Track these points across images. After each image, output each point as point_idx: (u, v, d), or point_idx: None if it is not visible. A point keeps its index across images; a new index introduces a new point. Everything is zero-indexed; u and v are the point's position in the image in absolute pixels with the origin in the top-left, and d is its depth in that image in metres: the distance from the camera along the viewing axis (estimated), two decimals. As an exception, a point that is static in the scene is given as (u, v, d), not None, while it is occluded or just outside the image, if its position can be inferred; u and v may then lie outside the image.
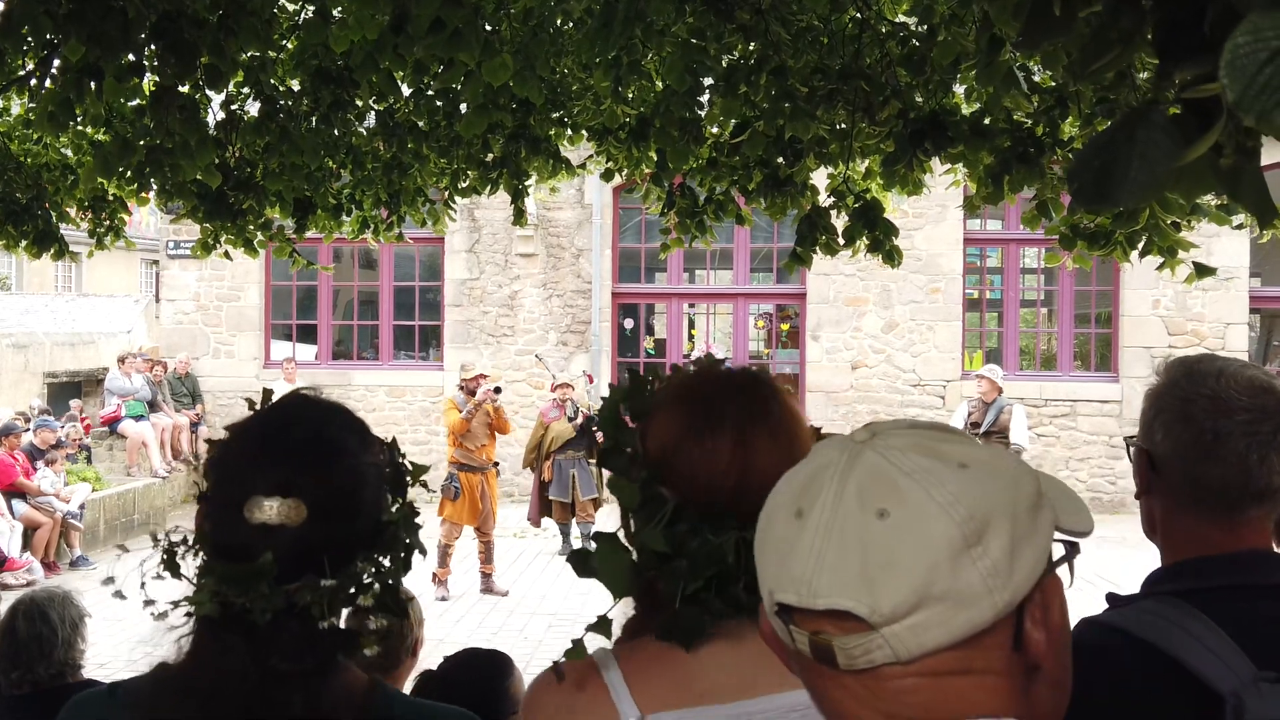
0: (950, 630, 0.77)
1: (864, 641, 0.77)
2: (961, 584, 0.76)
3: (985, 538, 0.77)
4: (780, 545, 0.82)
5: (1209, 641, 1.35)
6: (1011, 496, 0.80)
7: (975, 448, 0.83)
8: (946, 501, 0.77)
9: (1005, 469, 0.82)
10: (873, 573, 0.76)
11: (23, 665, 3.37)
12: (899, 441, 0.82)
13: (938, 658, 0.78)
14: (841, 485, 0.80)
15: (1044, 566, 0.81)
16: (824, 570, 0.78)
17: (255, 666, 1.17)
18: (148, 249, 23.97)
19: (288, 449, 1.25)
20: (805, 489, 0.82)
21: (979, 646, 0.78)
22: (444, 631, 8.09)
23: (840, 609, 0.77)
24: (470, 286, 14.96)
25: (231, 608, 1.17)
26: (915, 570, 0.76)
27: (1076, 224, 4.36)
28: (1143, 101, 2.24)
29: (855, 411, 14.28)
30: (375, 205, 5.89)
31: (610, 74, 4.21)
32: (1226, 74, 0.77)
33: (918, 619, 0.76)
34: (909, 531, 0.76)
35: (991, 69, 3.14)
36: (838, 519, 0.79)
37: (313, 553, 1.20)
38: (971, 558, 0.76)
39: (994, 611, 0.77)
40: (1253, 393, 1.46)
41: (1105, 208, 1.38)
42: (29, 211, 5.52)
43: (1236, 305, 13.94)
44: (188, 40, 3.30)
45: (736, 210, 5.50)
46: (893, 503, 0.78)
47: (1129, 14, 1.07)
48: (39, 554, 10.76)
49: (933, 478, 0.78)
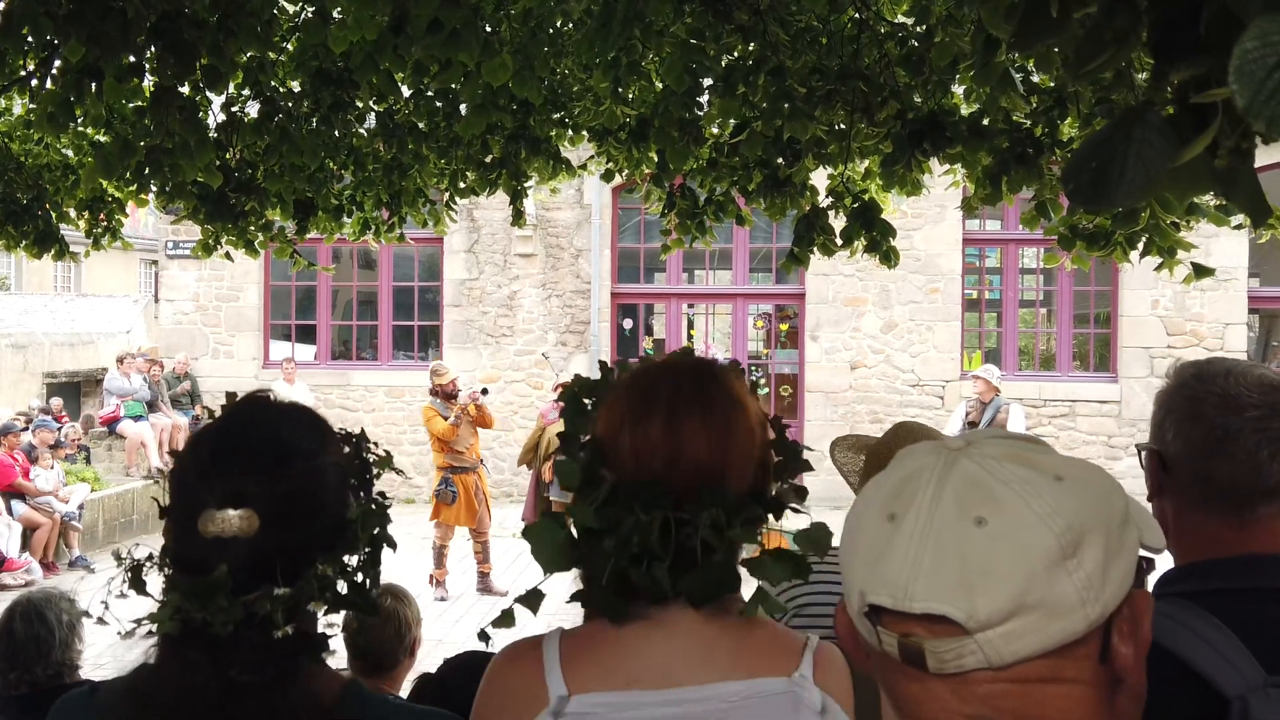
0: (1043, 639, 0.78)
1: (957, 646, 0.78)
2: (1057, 594, 0.77)
3: (1081, 550, 0.78)
4: (872, 548, 0.83)
5: (1218, 644, 1.35)
6: (1105, 511, 0.81)
7: (1069, 461, 0.84)
8: (1045, 512, 0.78)
9: (1098, 484, 0.83)
10: (971, 579, 0.77)
11: (20, 666, 3.37)
12: (994, 450, 0.83)
13: (1028, 665, 0.79)
14: (938, 491, 0.81)
15: (1131, 580, 0.82)
16: (921, 575, 0.79)
17: (216, 679, 1.17)
18: (147, 249, 23.97)
19: (238, 457, 1.24)
20: (898, 494, 0.83)
21: (1069, 656, 0.79)
22: (443, 632, 8.09)
23: (937, 614, 0.78)
24: (469, 287, 14.96)
25: (192, 623, 1.17)
26: (1013, 578, 0.76)
27: (1075, 224, 4.37)
28: (1139, 102, 2.25)
29: (854, 412, 14.29)
30: (376, 206, 5.89)
31: (610, 74, 4.21)
32: (1236, 79, 0.77)
33: (1012, 626, 0.77)
34: (1008, 540, 0.77)
35: (988, 70, 3.14)
36: (935, 524, 0.80)
37: (269, 561, 1.19)
38: (1067, 569, 0.77)
39: (1086, 623, 0.78)
40: (1262, 390, 1.47)
41: (1101, 208, 1.39)
42: (29, 212, 5.53)
43: (1235, 305, 13.95)
44: (187, 41, 3.30)
45: (737, 211, 5.50)
46: (990, 511, 0.79)
47: (1124, 14, 1.07)
48: (38, 554, 10.76)
49: (1030, 488, 0.79)
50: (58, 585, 7.46)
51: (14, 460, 11.00)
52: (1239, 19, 0.92)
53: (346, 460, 1.34)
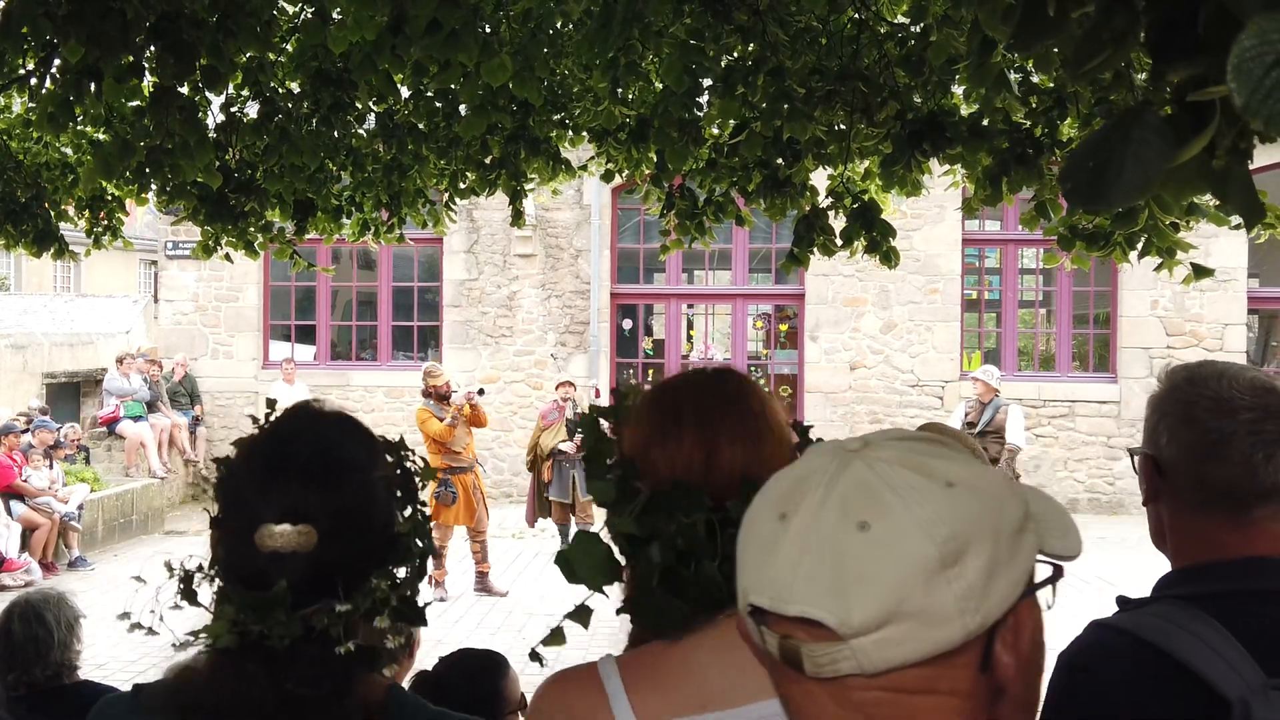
0: (918, 648, 0.76)
1: (831, 651, 0.77)
2: (933, 604, 0.76)
3: (963, 559, 0.76)
4: (760, 547, 0.82)
5: (1218, 647, 1.35)
6: (995, 519, 0.79)
7: (966, 466, 0.82)
8: (928, 520, 0.77)
9: (992, 490, 0.81)
10: (846, 584, 0.76)
11: (19, 667, 3.37)
12: (889, 454, 0.82)
13: (903, 674, 0.77)
14: (827, 493, 0.80)
15: (1021, 590, 0.80)
16: (799, 577, 0.78)
17: (274, 693, 1.17)
18: (147, 249, 23.97)
19: (295, 471, 1.24)
20: (791, 493, 0.82)
21: (946, 666, 0.78)
22: (442, 632, 8.09)
23: (810, 618, 0.77)
24: (469, 287, 14.96)
25: (249, 636, 1.17)
26: (888, 586, 0.75)
27: (1075, 225, 4.37)
28: (1137, 102, 2.25)
29: (854, 412, 14.29)
30: (375, 207, 5.89)
31: (609, 75, 4.21)
32: (1234, 78, 0.77)
33: (886, 634, 0.76)
34: (886, 547, 0.76)
35: (983, 70, 3.15)
36: (818, 527, 0.78)
37: (327, 575, 1.20)
38: (947, 578, 0.76)
39: (964, 633, 0.77)
40: (1255, 393, 1.48)
41: (1098, 208, 1.39)
42: (28, 211, 5.52)
43: (1235, 306, 13.95)
44: (187, 41, 3.30)
45: (736, 211, 5.50)
46: (874, 516, 0.77)
47: (1122, 14, 1.07)
48: (37, 555, 10.75)
49: (917, 494, 0.78)
50: (56, 586, 7.47)
51: (13, 461, 11.00)
52: (1237, 19, 0.92)
53: (392, 471, 1.34)
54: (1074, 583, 10.22)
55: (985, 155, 4.14)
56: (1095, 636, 1.50)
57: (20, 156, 5.45)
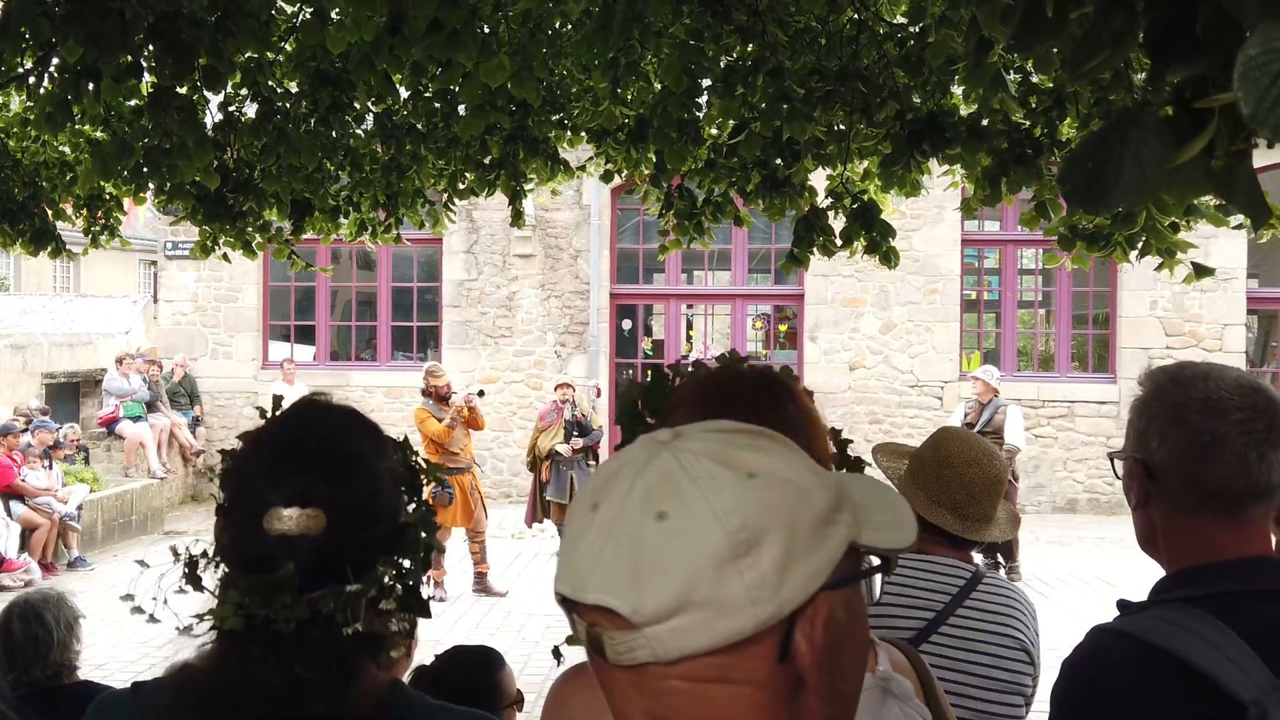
0: (710, 636, 0.77)
1: (628, 639, 0.78)
2: (724, 593, 0.76)
3: (756, 549, 0.77)
4: (571, 536, 0.83)
5: (1225, 648, 1.35)
6: (795, 510, 0.80)
7: (776, 458, 0.83)
8: (722, 510, 0.77)
9: (798, 482, 0.81)
10: (641, 573, 0.77)
11: (19, 667, 3.37)
12: (697, 445, 0.82)
13: (697, 663, 0.78)
14: (633, 484, 0.81)
15: (822, 581, 0.80)
16: (598, 566, 0.79)
17: (280, 676, 1.17)
18: (146, 250, 23.97)
19: (303, 458, 1.25)
20: (605, 484, 0.83)
21: (740, 655, 0.79)
22: (441, 632, 8.09)
23: (605, 605, 0.78)
24: (468, 287, 14.96)
25: (255, 619, 1.17)
26: (679, 575, 0.76)
27: (1075, 225, 4.37)
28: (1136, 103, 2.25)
29: (853, 412, 14.29)
30: (373, 207, 5.89)
31: (608, 75, 4.21)
32: (1240, 86, 0.77)
33: (678, 623, 0.77)
34: (680, 536, 0.77)
35: (980, 71, 3.15)
36: (621, 517, 0.79)
37: (334, 560, 1.20)
38: (738, 568, 0.76)
39: (755, 622, 0.77)
40: (1242, 392, 1.47)
41: (1097, 209, 1.39)
42: (26, 210, 5.52)
43: (1234, 306, 13.96)
44: (185, 41, 3.30)
45: (735, 211, 5.50)
46: (673, 506, 0.78)
47: (1121, 15, 1.07)
48: (36, 555, 10.74)
49: (714, 485, 0.79)
50: (56, 586, 7.46)
51: (12, 461, 10.99)
52: (1236, 20, 0.92)
53: (397, 465, 1.35)
54: (1074, 583, 10.21)
55: (984, 155, 4.14)
56: (1099, 642, 1.49)
57: (18, 155, 5.45)
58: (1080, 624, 1.54)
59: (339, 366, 15.53)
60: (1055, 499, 14.18)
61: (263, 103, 4.53)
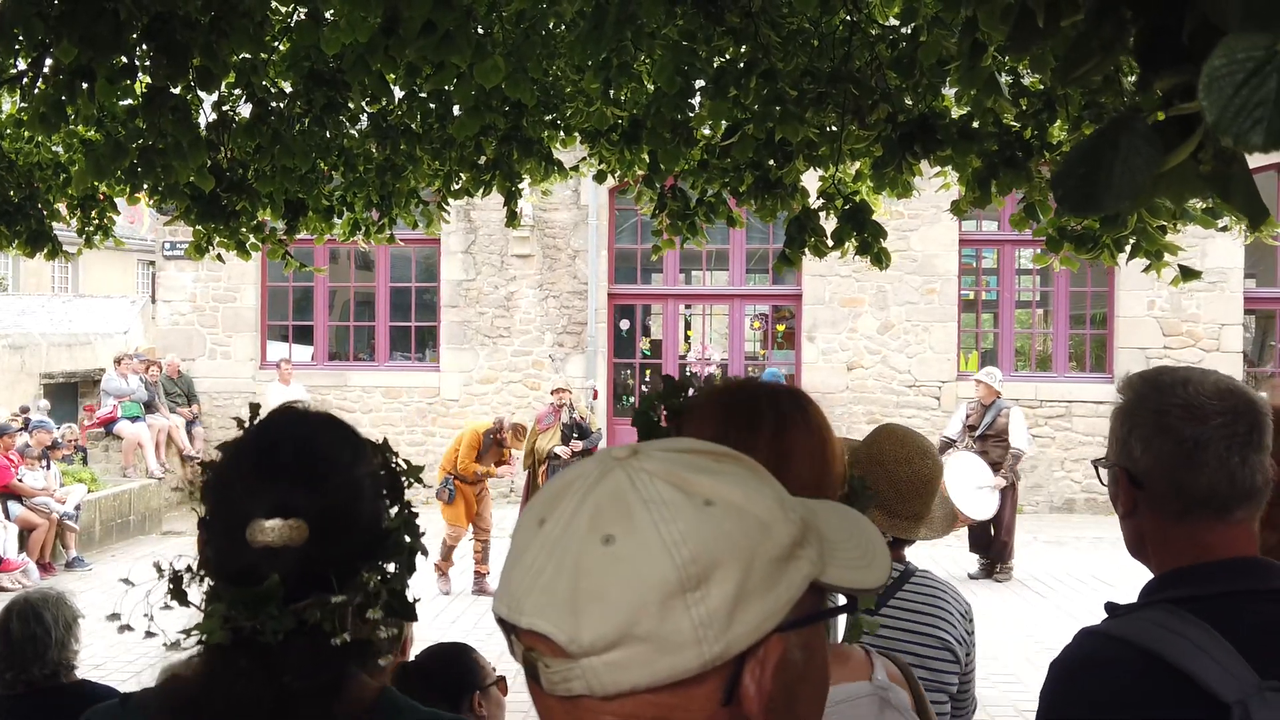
0: (650, 673, 0.72)
1: (563, 669, 0.73)
2: (668, 628, 0.71)
3: (706, 584, 0.72)
4: (513, 553, 0.78)
5: (1212, 650, 1.35)
6: (753, 544, 0.74)
7: (737, 485, 0.77)
8: (672, 540, 0.72)
9: (757, 512, 0.76)
10: (580, 601, 0.72)
11: (17, 666, 3.37)
12: (653, 465, 0.76)
13: (636, 700, 0.73)
14: (581, 501, 0.75)
15: (776, 622, 0.75)
16: (536, 588, 0.74)
17: (269, 687, 1.18)
18: (144, 249, 23.98)
19: (282, 468, 1.25)
20: (554, 498, 0.78)
21: (683, 695, 0.73)
22: (438, 634, 8.08)
23: (540, 631, 0.73)
24: (466, 287, 14.97)
25: (241, 631, 1.18)
26: (621, 606, 0.71)
27: (1064, 226, 4.38)
28: (1128, 107, 2.25)
29: (851, 413, 14.30)
30: (367, 207, 5.90)
31: (601, 76, 4.22)
32: (1205, 95, 0.79)
33: (616, 656, 0.71)
34: (625, 564, 0.71)
35: (973, 73, 3.15)
36: (565, 536, 0.74)
37: (318, 569, 1.20)
38: (686, 603, 0.71)
39: (700, 661, 0.72)
40: (1221, 396, 1.49)
41: (1090, 213, 1.40)
42: (22, 211, 5.52)
43: (1231, 306, 13.97)
44: (179, 42, 3.31)
45: (728, 212, 5.51)
46: (622, 531, 0.73)
47: (1110, 22, 1.08)
48: (34, 555, 10.75)
49: (668, 511, 0.73)
50: (55, 586, 7.46)
51: (10, 461, 10.99)
52: (1220, 29, 0.93)
53: (378, 470, 1.35)
54: (1071, 583, 10.22)
55: (975, 157, 4.15)
56: (1087, 645, 1.50)
57: (13, 156, 5.45)
58: (1077, 623, 1.55)
59: (337, 367, 15.53)
60: (1053, 499, 14.19)
61: (257, 103, 4.53)
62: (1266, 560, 1.51)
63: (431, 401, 14.97)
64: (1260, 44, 0.77)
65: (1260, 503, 1.49)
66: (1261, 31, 0.78)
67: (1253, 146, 0.77)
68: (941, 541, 11.69)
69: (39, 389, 15.47)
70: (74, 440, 13.08)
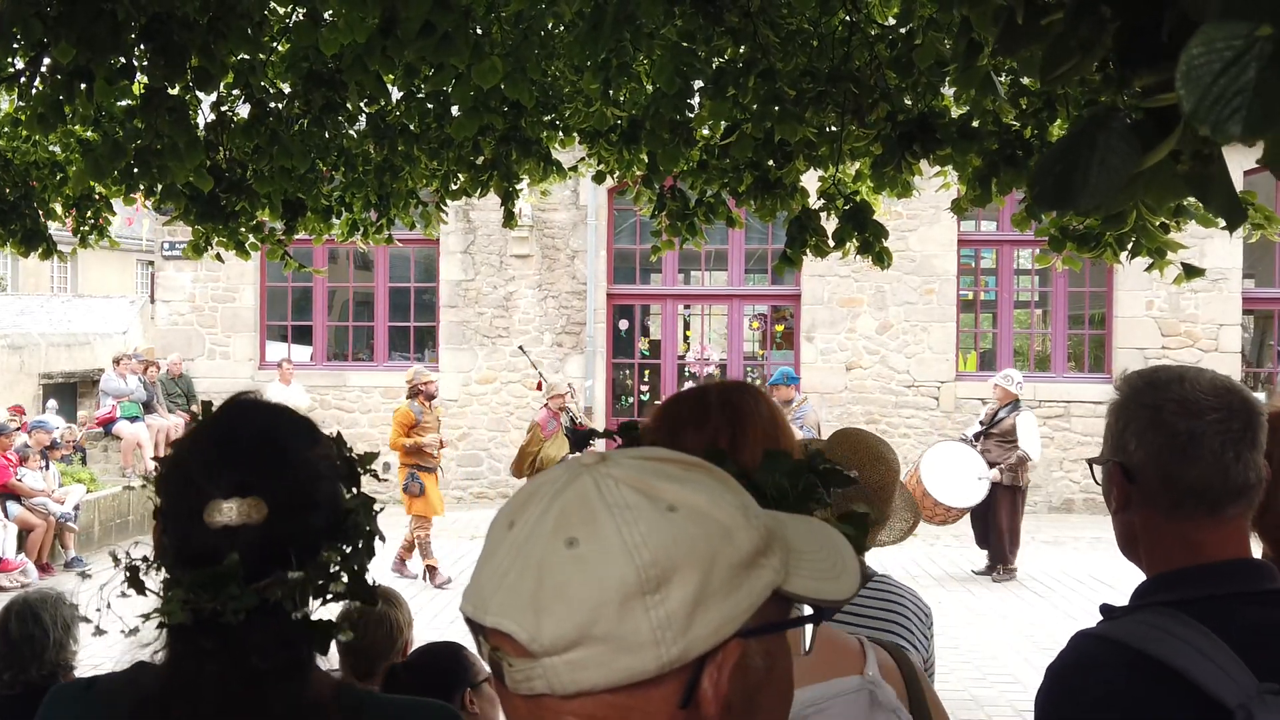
0: (608, 674, 0.74)
1: (526, 668, 0.75)
2: (627, 629, 0.73)
3: (666, 586, 0.74)
4: (484, 553, 0.80)
5: (1210, 652, 1.35)
6: (714, 549, 0.76)
7: (701, 492, 0.79)
8: (634, 543, 0.74)
9: (720, 518, 0.77)
10: (543, 600, 0.74)
11: (15, 666, 3.38)
12: (621, 471, 0.79)
13: (595, 699, 0.75)
14: (548, 505, 0.78)
15: (736, 627, 0.76)
16: (502, 588, 0.76)
17: (234, 668, 1.18)
18: (143, 249, 23.97)
19: (239, 451, 1.25)
20: (524, 502, 0.80)
21: (641, 696, 0.75)
22: (436, 632, 8.08)
23: (503, 630, 0.75)
24: (465, 288, 14.97)
25: (202, 612, 1.17)
26: (581, 606, 0.73)
27: (1065, 226, 4.38)
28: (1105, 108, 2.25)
29: (850, 413, 14.30)
30: (365, 208, 5.91)
31: (600, 76, 4.23)
32: (1182, 85, 0.78)
33: (576, 656, 0.73)
34: (587, 566, 0.74)
35: (970, 73, 3.16)
36: (531, 539, 0.76)
37: (278, 548, 1.20)
38: (645, 605, 0.73)
39: (658, 663, 0.74)
40: (1217, 393, 1.49)
41: (1066, 211, 1.41)
42: (17, 210, 5.52)
43: (1230, 306, 13.97)
44: (177, 42, 3.32)
45: (727, 212, 5.52)
46: (585, 534, 0.75)
47: (1089, 21, 1.08)
48: (33, 556, 10.75)
49: (630, 515, 0.75)
50: (55, 587, 7.46)
51: (9, 461, 10.99)
52: (1198, 25, 0.94)
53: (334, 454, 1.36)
54: (1070, 583, 10.22)
55: (975, 157, 4.15)
56: (1083, 647, 1.50)
57: (9, 155, 5.45)
58: (1075, 624, 1.55)
59: (336, 367, 15.53)
60: (1051, 499, 14.19)
61: (255, 104, 4.53)
62: (1258, 561, 1.52)
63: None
64: (1240, 33, 0.77)
65: (1253, 501, 1.50)
66: (1241, 20, 0.79)
67: (1230, 136, 0.77)
68: (940, 541, 11.70)
69: (38, 389, 15.47)
70: (73, 440, 13.08)
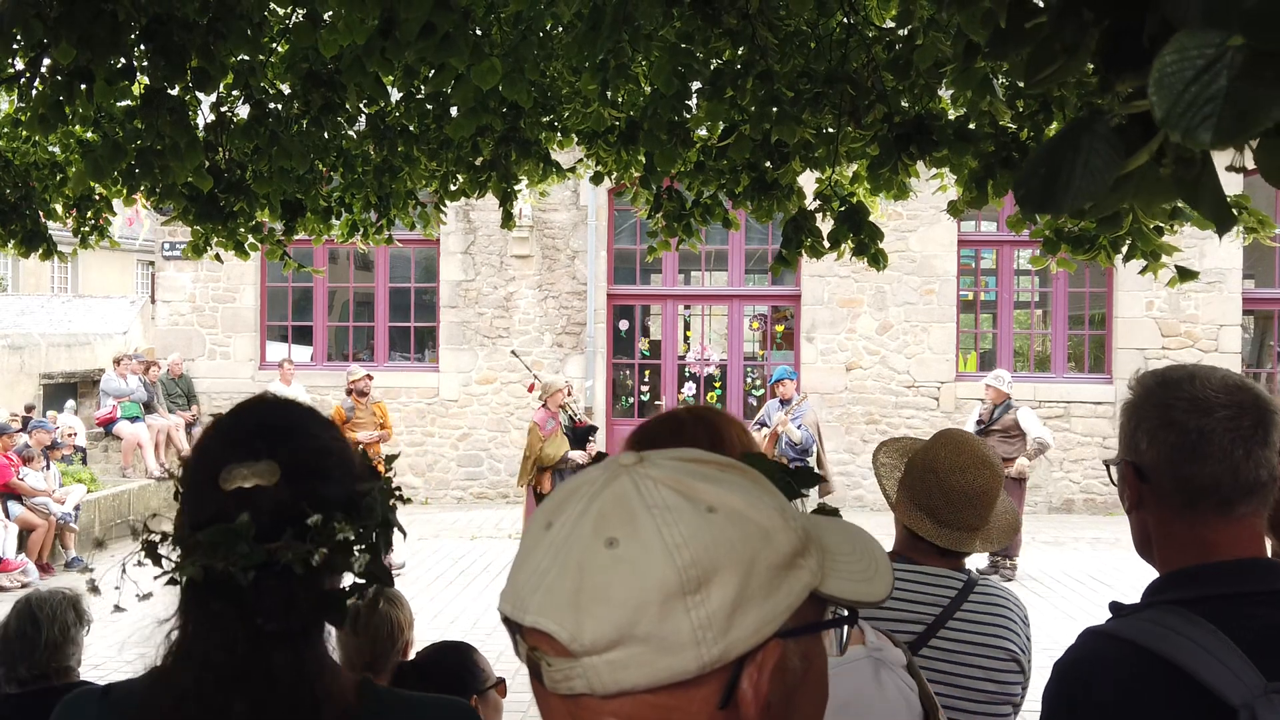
0: (649, 674, 0.74)
1: (565, 668, 0.75)
2: (668, 629, 0.73)
3: (707, 587, 0.74)
4: (521, 552, 0.81)
5: (1218, 652, 1.36)
6: (753, 550, 0.76)
7: (740, 493, 0.79)
8: (675, 543, 0.74)
9: (759, 520, 0.78)
10: (583, 600, 0.74)
11: (8, 664, 3.39)
12: (659, 472, 0.79)
13: (635, 700, 0.75)
14: (588, 506, 0.78)
15: (776, 628, 0.77)
16: (541, 588, 0.76)
17: (242, 628, 1.19)
18: (143, 249, 23.98)
19: (254, 424, 1.30)
20: (562, 502, 0.80)
21: (681, 697, 0.75)
22: (438, 632, 8.10)
23: (543, 629, 0.75)
24: (465, 288, 14.98)
25: (214, 570, 1.19)
26: (623, 606, 0.73)
27: (1060, 228, 4.39)
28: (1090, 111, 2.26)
29: (850, 413, 14.31)
30: (365, 208, 5.92)
31: (598, 77, 4.23)
32: (1155, 91, 0.80)
33: (616, 655, 0.74)
34: (628, 566, 0.74)
35: (968, 75, 3.17)
36: (571, 539, 0.77)
37: (290, 511, 1.22)
38: (686, 605, 0.73)
39: (699, 664, 0.74)
40: (1228, 390, 1.49)
41: (1049, 214, 1.42)
42: (17, 211, 5.53)
43: (1229, 307, 13.98)
44: (177, 43, 3.33)
45: (724, 213, 5.53)
46: (625, 533, 0.75)
47: (1072, 25, 1.10)
48: (33, 556, 10.76)
49: (671, 516, 0.76)
50: (55, 587, 7.46)
51: (9, 461, 11.00)
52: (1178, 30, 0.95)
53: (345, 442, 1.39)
54: (1070, 584, 10.22)
55: (971, 158, 4.16)
56: (1091, 645, 1.50)
57: (9, 156, 5.46)
58: (1075, 624, 1.56)
59: (336, 367, 15.53)
60: (1051, 499, 14.20)
61: (255, 104, 4.55)
62: (1270, 561, 1.52)
63: (430, 402, 14.99)
64: (1213, 41, 0.78)
65: (1266, 499, 1.50)
66: (1218, 28, 0.80)
67: (1200, 143, 0.78)
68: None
69: (39, 389, 15.47)
70: (72, 437, 13.08)
